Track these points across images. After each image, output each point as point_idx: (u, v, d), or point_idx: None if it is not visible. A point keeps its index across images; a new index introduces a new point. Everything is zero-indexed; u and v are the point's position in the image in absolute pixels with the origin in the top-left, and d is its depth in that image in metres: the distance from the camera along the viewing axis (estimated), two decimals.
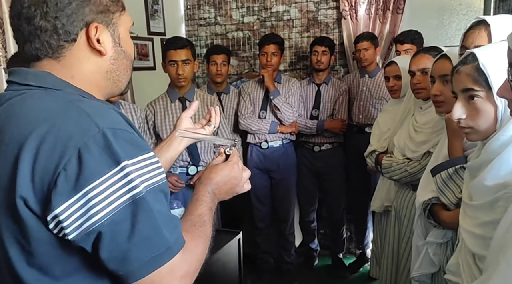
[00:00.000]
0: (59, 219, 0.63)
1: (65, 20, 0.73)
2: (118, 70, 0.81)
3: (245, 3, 3.38)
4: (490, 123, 0.99)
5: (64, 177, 0.62)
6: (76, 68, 0.76)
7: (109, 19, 0.78)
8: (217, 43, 3.47)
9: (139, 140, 0.71)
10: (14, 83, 0.75)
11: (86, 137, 0.64)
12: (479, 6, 2.87)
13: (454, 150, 1.29)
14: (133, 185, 0.64)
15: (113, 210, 0.63)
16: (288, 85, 2.89)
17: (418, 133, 1.73)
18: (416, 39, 2.65)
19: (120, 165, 0.64)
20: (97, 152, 0.64)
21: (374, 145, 2.10)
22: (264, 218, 2.99)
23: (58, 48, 0.75)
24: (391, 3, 2.92)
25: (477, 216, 0.98)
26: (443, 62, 1.44)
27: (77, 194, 0.62)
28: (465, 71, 1.01)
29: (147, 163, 0.68)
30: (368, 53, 2.81)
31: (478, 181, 0.99)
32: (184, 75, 2.24)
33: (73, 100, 0.70)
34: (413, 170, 1.71)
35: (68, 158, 0.63)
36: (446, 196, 1.28)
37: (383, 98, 2.83)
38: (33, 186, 0.64)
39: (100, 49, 0.76)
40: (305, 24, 3.26)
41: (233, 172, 0.91)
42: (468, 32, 1.27)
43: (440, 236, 1.37)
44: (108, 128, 0.66)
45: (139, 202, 0.65)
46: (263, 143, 2.86)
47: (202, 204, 0.85)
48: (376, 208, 2.13)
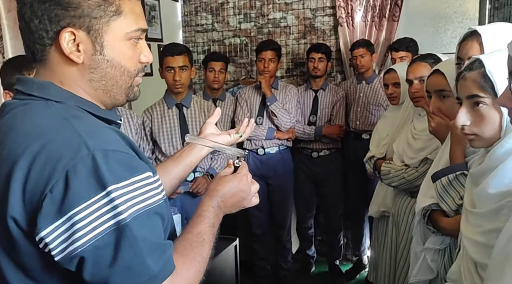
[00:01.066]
0: (45, 241, 0.62)
1: (37, 22, 0.70)
2: (103, 80, 0.76)
3: (242, 9, 3.39)
4: (495, 130, 0.99)
5: (50, 199, 0.61)
6: (61, 73, 0.74)
7: (91, 24, 0.72)
8: (214, 49, 3.48)
9: (135, 162, 0.68)
10: (19, 92, 0.74)
11: (75, 159, 0.62)
12: (474, 14, 2.90)
13: (456, 157, 1.29)
14: (118, 211, 0.62)
15: (97, 236, 0.61)
16: (285, 91, 2.90)
17: (416, 140, 1.74)
18: (411, 47, 2.67)
19: (106, 190, 0.62)
20: (85, 175, 0.62)
21: (373, 151, 2.12)
22: (261, 224, 2.98)
23: (37, 51, 0.73)
24: (387, 11, 2.95)
25: (480, 224, 0.98)
26: (437, 77, 1.44)
27: (62, 218, 0.61)
28: (471, 77, 1.00)
29: (140, 184, 0.66)
30: (364, 60, 2.83)
31: (482, 189, 0.98)
32: (181, 81, 2.23)
33: (68, 117, 0.68)
34: (411, 178, 1.71)
35: (55, 180, 0.61)
36: (446, 203, 1.28)
37: (380, 105, 2.85)
38: (23, 206, 0.63)
39: (71, 57, 0.72)
40: (302, 31, 3.27)
41: (241, 185, 0.88)
42: (462, 43, 1.27)
43: (438, 243, 1.37)
44: (98, 150, 0.64)
45: (123, 229, 0.63)
46: (260, 149, 2.86)
47: (203, 221, 0.81)
48: (373, 213, 2.13)
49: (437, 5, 2.98)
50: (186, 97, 2.34)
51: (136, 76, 0.81)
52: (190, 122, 2.32)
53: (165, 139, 2.30)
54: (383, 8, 2.96)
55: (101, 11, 0.72)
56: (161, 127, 2.31)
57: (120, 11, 0.74)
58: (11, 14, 1.99)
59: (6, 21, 1.98)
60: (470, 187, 1.09)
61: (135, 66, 0.80)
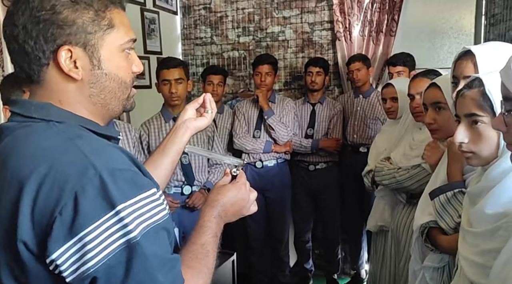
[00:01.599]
0: (56, 263, 0.62)
1: (33, 43, 0.69)
2: (103, 94, 0.76)
3: (241, 23, 3.42)
4: (492, 149, 0.99)
5: (60, 222, 0.61)
6: (60, 92, 0.73)
7: (87, 40, 0.72)
8: (213, 63, 3.50)
9: (140, 179, 0.69)
10: (17, 114, 0.73)
11: (83, 180, 0.62)
12: (470, 30, 2.93)
13: (453, 174, 1.29)
14: (128, 229, 0.63)
15: (108, 255, 0.62)
16: (282, 104, 2.91)
17: (413, 150, 1.76)
18: (408, 62, 2.70)
19: (115, 209, 0.62)
20: (93, 195, 0.62)
21: (371, 165, 2.12)
22: (258, 237, 2.96)
23: (33, 73, 0.72)
24: (384, 26, 2.98)
25: (477, 243, 0.97)
26: (433, 90, 1.46)
27: (73, 239, 0.61)
28: (470, 96, 1.00)
29: (147, 201, 0.67)
30: (360, 74, 2.85)
31: (479, 209, 0.97)
32: (178, 93, 2.24)
33: (72, 137, 0.68)
34: (401, 178, 1.73)
35: (64, 202, 0.61)
36: (444, 220, 1.28)
37: (378, 118, 2.86)
38: (33, 229, 0.63)
39: (71, 74, 0.72)
40: (300, 44, 3.30)
41: (241, 193, 0.90)
42: (457, 62, 1.28)
43: (437, 261, 1.36)
44: (105, 169, 0.64)
45: (134, 247, 0.63)
46: (257, 163, 2.85)
47: (207, 232, 0.82)
48: (371, 227, 2.12)
49: (434, 21, 3.01)
50: None
51: (131, 86, 0.83)
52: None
53: None
54: (380, 23, 3.00)
55: (95, 26, 0.73)
56: (158, 140, 2.30)
57: (113, 24, 0.75)
58: None
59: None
60: (467, 206, 1.09)
61: (130, 77, 0.81)
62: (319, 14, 3.22)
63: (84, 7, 0.71)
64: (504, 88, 0.74)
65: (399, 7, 2.94)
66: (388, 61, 2.81)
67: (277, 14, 3.32)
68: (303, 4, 3.25)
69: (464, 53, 1.26)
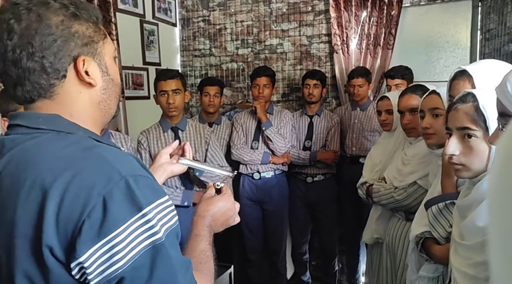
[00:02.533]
0: (83, 266, 0.63)
1: (52, 58, 0.72)
2: (109, 99, 0.82)
3: (239, 35, 3.46)
4: (483, 162, 1.00)
5: (88, 224, 0.63)
6: (72, 104, 0.76)
7: (94, 49, 0.77)
8: (212, 74, 3.52)
9: (156, 185, 0.72)
10: (21, 126, 0.74)
11: (109, 185, 0.65)
12: (465, 44, 2.97)
13: (446, 186, 1.30)
14: (154, 230, 0.66)
15: (135, 256, 0.64)
16: (280, 116, 2.93)
17: (406, 165, 1.77)
18: (406, 75, 2.73)
19: (142, 211, 0.65)
20: (121, 199, 0.65)
21: (366, 177, 2.13)
22: (255, 249, 2.95)
23: (49, 87, 0.74)
24: (381, 39, 3.02)
25: (469, 256, 0.98)
26: (433, 96, 1.48)
27: (101, 241, 0.63)
28: (463, 110, 1.02)
29: (164, 206, 0.70)
30: (362, 90, 2.86)
31: (469, 221, 0.98)
32: (175, 104, 2.26)
33: (90, 146, 0.71)
34: (399, 197, 1.75)
35: (92, 206, 0.63)
36: (436, 231, 1.29)
37: (375, 130, 2.88)
38: (57, 234, 0.64)
39: (90, 81, 0.77)
40: (298, 57, 3.33)
41: (229, 204, 0.95)
42: (453, 82, 1.29)
43: (431, 271, 1.37)
44: (130, 175, 0.67)
45: (159, 248, 0.66)
46: (255, 174, 2.86)
47: (203, 240, 0.87)
48: (366, 239, 2.12)
49: (430, 35, 3.05)
50: (181, 121, 2.36)
51: None
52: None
53: None
54: (378, 36, 3.03)
55: (97, 35, 0.78)
56: (157, 149, 2.31)
57: (106, 34, 0.82)
58: None
59: None
60: (457, 219, 1.10)
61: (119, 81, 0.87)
62: (317, 27, 3.26)
63: (86, 19, 0.77)
64: (500, 104, 0.76)
65: (396, 21, 2.98)
66: (386, 73, 2.83)
67: (276, 27, 3.36)
68: (301, 17, 3.29)
69: (460, 73, 1.27)
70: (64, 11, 0.73)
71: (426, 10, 3.06)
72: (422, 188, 1.67)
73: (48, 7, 0.72)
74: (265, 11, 3.37)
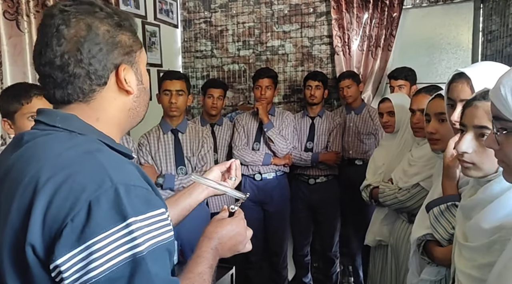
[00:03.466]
0: (60, 269, 0.62)
1: (97, 65, 0.75)
2: (139, 107, 0.84)
3: (241, 37, 3.46)
4: (493, 163, 0.96)
5: (70, 228, 0.62)
6: (103, 109, 0.79)
7: (133, 58, 0.80)
8: (213, 75, 3.53)
9: (152, 197, 0.70)
10: (41, 123, 0.76)
11: (98, 191, 0.64)
12: (467, 45, 2.96)
13: (447, 188, 1.30)
14: (136, 243, 0.64)
15: (112, 267, 0.62)
16: (281, 117, 2.93)
17: (411, 166, 1.77)
18: (409, 76, 2.72)
19: (126, 221, 0.64)
20: (107, 207, 0.63)
21: (369, 179, 2.13)
22: (257, 251, 2.94)
23: (89, 92, 0.77)
24: (382, 41, 3.02)
25: (474, 257, 0.97)
26: (438, 100, 1.47)
27: (80, 246, 0.62)
28: (483, 108, 0.99)
29: (156, 220, 0.68)
30: (350, 90, 2.89)
31: (475, 223, 0.97)
32: (177, 105, 2.27)
33: (92, 149, 0.71)
34: (403, 198, 1.75)
35: (78, 210, 0.63)
36: (438, 232, 1.29)
37: (371, 133, 2.89)
38: (42, 233, 0.64)
39: (128, 89, 0.79)
40: (300, 58, 3.33)
41: (239, 228, 0.92)
42: (452, 84, 1.27)
43: (433, 274, 1.36)
44: (121, 184, 0.66)
45: (139, 262, 0.64)
46: (256, 175, 2.86)
47: (203, 262, 0.84)
48: (369, 242, 2.12)
49: (432, 37, 3.05)
50: (182, 123, 2.37)
51: None
52: (185, 147, 2.34)
53: (162, 163, 2.30)
54: (379, 38, 3.03)
55: (135, 45, 0.81)
56: (157, 152, 2.32)
57: (141, 44, 0.84)
58: (11, 41, 2.01)
59: (6, 47, 2.00)
60: (461, 219, 1.08)
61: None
62: (318, 29, 3.26)
63: (127, 29, 0.80)
64: (494, 107, 0.75)
65: (397, 23, 2.97)
66: (390, 74, 2.83)
67: (277, 28, 3.36)
68: (303, 19, 3.29)
69: (459, 75, 1.25)
70: (110, 20, 0.77)
71: (428, 11, 3.06)
72: (425, 190, 1.66)
73: (95, 16, 0.75)
74: (267, 13, 3.37)
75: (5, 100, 1.54)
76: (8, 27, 2.01)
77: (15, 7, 2.02)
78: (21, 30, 2.05)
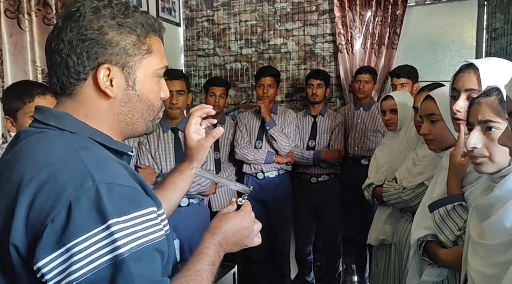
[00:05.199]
0: (42, 271, 0.61)
1: (75, 58, 0.73)
2: (131, 113, 0.80)
3: (243, 35, 3.45)
4: (505, 155, 0.97)
5: (50, 230, 0.61)
6: (89, 106, 0.77)
7: (126, 61, 0.76)
8: (216, 74, 3.52)
9: (139, 196, 0.68)
10: (37, 120, 0.76)
11: (79, 191, 0.62)
12: (471, 43, 2.94)
13: (453, 187, 1.28)
14: (116, 245, 0.62)
15: (93, 270, 0.61)
16: (284, 116, 2.92)
17: (416, 165, 1.76)
18: (412, 74, 2.71)
19: (106, 223, 0.62)
20: (87, 207, 0.62)
21: (371, 178, 2.11)
22: (259, 250, 2.93)
23: (69, 85, 0.76)
24: (386, 39, 3.00)
25: (490, 256, 0.96)
26: (428, 102, 1.49)
27: (60, 249, 0.61)
28: (487, 103, 1.01)
29: (142, 220, 0.66)
30: (367, 86, 2.86)
31: (495, 221, 0.95)
32: (178, 105, 2.26)
33: (78, 148, 0.69)
34: (407, 198, 1.73)
35: (58, 210, 0.61)
36: (444, 234, 1.27)
37: (378, 131, 2.86)
38: (25, 234, 0.63)
39: (106, 91, 0.76)
40: (302, 56, 3.32)
41: (244, 222, 0.88)
42: (458, 74, 1.28)
43: (435, 275, 1.35)
44: (103, 183, 0.64)
45: (120, 264, 0.62)
46: (259, 174, 2.85)
47: (204, 259, 0.80)
48: (371, 241, 2.11)
49: (435, 34, 3.03)
50: (182, 121, 2.35)
51: (159, 111, 0.86)
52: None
53: (162, 162, 2.29)
54: (382, 36, 3.02)
55: (135, 49, 0.77)
56: (157, 150, 2.31)
57: (151, 50, 0.80)
58: (12, 39, 2.01)
59: (7, 46, 2.00)
60: (475, 219, 1.06)
61: (158, 101, 0.85)
62: (321, 27, 3.24)
63: (129, 31, 0.76)
64: (510, 103, 0.75)
65: (400, 21, 2.96)
66: (392, 72, 2.81)
67: (280, 26, 3.35)
68: (305, 17, 3.28)
69: (466, 66, 1.26)
70: (108, 19, 0.74)
71: (431, 9, 3.04)
72: None
73: (95, 12, 0.74)
74: (269, 11, 3.36)
75: (8, 98, 1.54)
76: (9, 25, 2.01)
77: (16, 5, 2.02)
78: (22, 28, 2.05)
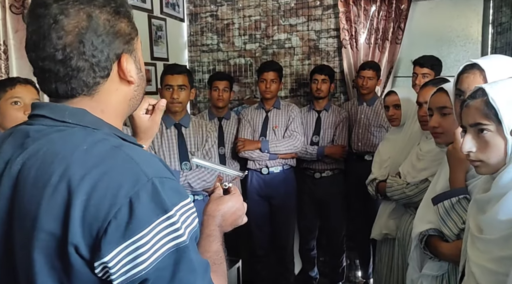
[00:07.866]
0: (107, 265, 0.63)
1: (101, 57, 0.73)
2: (139, 95, 0.83)
3: (247, 30, 3.44)
4: (500, 156, 0.98)
5: (114, 225, 0.62)
6: (106, 101, 0.77)
7: (132, 46, 0.78)
8: (219, 69, 3.52)
9: (180, 187, 0.72)
10: (46, 118, 0.73)
11: (137, 187, 0.65)
12: (477, 38, 2.92)
13: (457, 181, 1.28)
14: (179, 233, 0.66)
15: (159, 258, 0.64)
16: (287, 110, 2.91)
17: (420, 160, 1.75)
18: (436, 66, 2.62)
19: (167, 214, 0.65)
20: (147, 201, 0.65)
21: (375, 173, 2.11)
22: (263, 245, 2.95)
23: (94, 85, 0.74)
24: (390, 34, 2.99)
25: (490, 250, 0.97)
26: (440, 95, 1.46)
27: (126, 242, 0.63)
28: (474, 106, 1.01)
29: (187, 208, 0.70)
30: (371, 82, 2.84)
31: (491, 215, 0.97)
32: (179, 100, 2.24)
33: (118, 145, 0.70)
34: (411, 193, 1.74)
35: (118, 206, 0.63)
36: (447, 227, 1.27)
37: (382, 126, 2.86)
38: (83, 232, 0.63)
39: (131, 80, 0.78)
40: (306, 52, 3.31)
41: (238, 204, 0.96)
42: (462, 75, 1.25)
43: (435, 269, 1.35)
44: (156, 177, 0.67)
45: (182, 250, 0.66)
46: (263, 169, 2.85)
47: (215, 240, 0.87)
48: (375, 235, 2.11)
49: (440, 29, 3.01)
50: (184, 117, 2.34)
51: None
52: (189, 142, 2.31)
53: (165, 159, 2.29)
54: (387, 31, 3.00)
55: (133, 32, 0.79)
56: (161, 146, 2.30)
57: (137, 30, 0.81)
58: (18, 35, 2.01)
59: (13, 41, 2.00)
60: (475, 213, 1.08)
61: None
62: (325, 22, 3.23)
63: (123, 16, 0.76)
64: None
65: (405, 15, 2.94)
66: (415, 61, 2.69)
67: (284, 21, 3.34)
68: (309, 12, 3.27)
69: (470, 66, 1.24)
70: (108, 8, 0.73)
71: (436, 4, 3.02)
72: None
73: (94, 4, 0.72)
74: (273, 6, 3.35)
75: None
76: (15, 21, 2.01)
77: (21, 1, 2.03)
78: None
